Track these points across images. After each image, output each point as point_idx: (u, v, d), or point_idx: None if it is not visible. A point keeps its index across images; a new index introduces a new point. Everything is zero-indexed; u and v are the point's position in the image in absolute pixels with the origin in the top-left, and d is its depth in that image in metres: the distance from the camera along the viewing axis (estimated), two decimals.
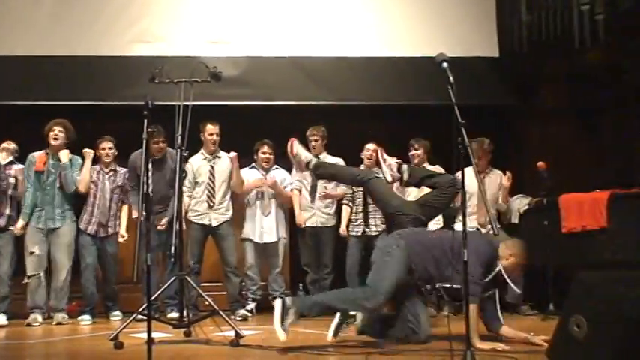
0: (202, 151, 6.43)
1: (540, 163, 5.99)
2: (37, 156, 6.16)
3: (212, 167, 6.38)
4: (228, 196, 6.41)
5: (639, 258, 5.23)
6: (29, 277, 6.02)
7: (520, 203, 6.47)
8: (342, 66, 7.38)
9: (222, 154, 6.45)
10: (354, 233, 6.62)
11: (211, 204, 6.31)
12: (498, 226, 5.84)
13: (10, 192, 6.15)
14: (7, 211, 6.14)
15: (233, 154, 6.33)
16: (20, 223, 6.06)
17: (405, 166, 4.82)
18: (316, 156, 6.64)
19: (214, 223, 6.29)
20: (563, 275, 5.75)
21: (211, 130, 6.37)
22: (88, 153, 6.20)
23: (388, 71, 7.35)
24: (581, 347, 3.24)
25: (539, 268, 5.89)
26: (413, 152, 6.50)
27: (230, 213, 6.40)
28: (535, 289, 5.96)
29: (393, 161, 4.84)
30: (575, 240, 5.82)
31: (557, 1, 7.17)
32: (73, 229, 6.19)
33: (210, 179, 6.35)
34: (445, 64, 3.65)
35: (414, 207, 4.60)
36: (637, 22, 6.68)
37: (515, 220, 6.47)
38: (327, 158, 6.65)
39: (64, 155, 6.09)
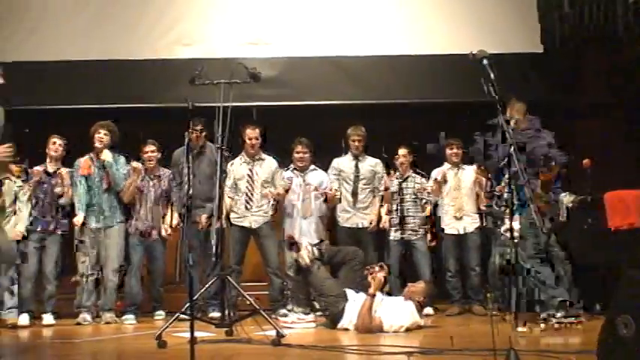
0: (242, 154, 6.45)
1: (586, 161, 5.88)
2: (82, 161, 6.27)
3: (250, 170, 6.40)
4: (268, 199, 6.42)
5: None
6: (80, 277, 6.13)
7: (567, 200, 6.36)
8: (380, 65, 7.35)
9: (264, 156, 6.46)
10: (392, 237, 6.59)
11: (249, 206, 6.33)
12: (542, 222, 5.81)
13: (61, 200, 6.26)
14: (52, 215, 6.25)
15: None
16: (80, 216, 6.13)
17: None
18: (357, 157, 6.60)
19: (254, 225, 6.31)
20: (610, 274, 5.63)
21: (250, 134, 6.39)
22: (137, 167, 6.23)
23: (427, 69, 7.29)
24: (629, 347, 3.18)
25: (586, 266, 5.76)
26: (455, 151, 6.45)
27: (270, 214, 6.41)
28: (581, 288, 5.82)
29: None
30: (622, 238, 5.72)
31: None
32: (122, 230, 6.28)
33: (248, 182, 6.37)
34: (486, 61, 3.62)
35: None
36: None
37: (564, 217, 6.35)
38: (367, 159, 6.62)
39: (107, 155, 6.16)
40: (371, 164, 6.61)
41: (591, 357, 3.41)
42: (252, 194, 6.34)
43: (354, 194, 6.54)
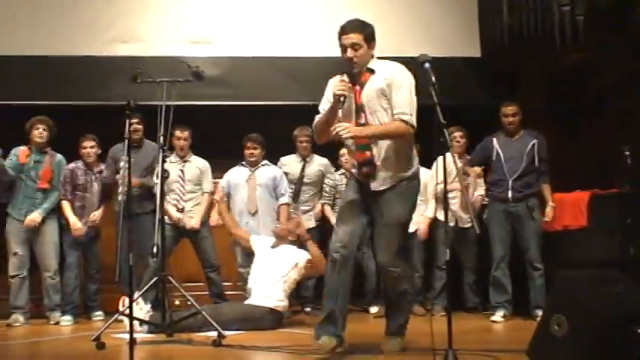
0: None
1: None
2: (20, 150, 6.14)
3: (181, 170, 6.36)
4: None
5: (615, 257, 5.31)
6: (12, 277, 5.97)
7: None
8: (323, 66, 7.34)
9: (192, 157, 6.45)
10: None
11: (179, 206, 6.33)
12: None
13: None
14: None
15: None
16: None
17: None
18: (304, 158, 6.60)
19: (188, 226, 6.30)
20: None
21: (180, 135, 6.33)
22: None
23: None
24: (562, 346, 3.27)
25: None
26: None
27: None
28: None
29: None
30: (557, 239, 5.90)
31: (538, 2, 7.22)
32: (56, 226, 6.16)
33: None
34: (427, 65, 3.67)
35: None
36: (614, 22, 6.74)
37: None
38: (314, 159, 6.64)
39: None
40: (320, 164, 6.65)
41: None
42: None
43: (296, 195, 6.55)
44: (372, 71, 4.03)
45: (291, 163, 6.64)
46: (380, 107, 3.91)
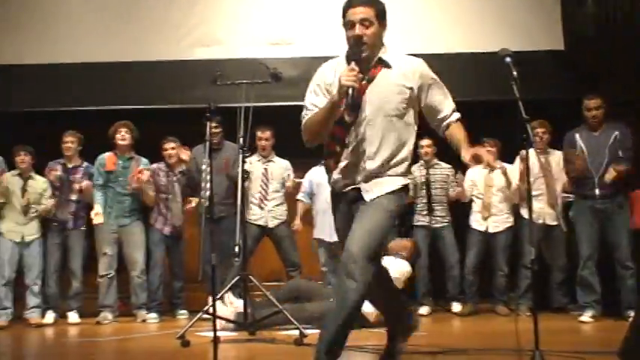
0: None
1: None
2: (107, 157, 6.35)
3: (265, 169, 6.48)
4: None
5: None
6: (101, 276, 6.19)
7: None
8: None
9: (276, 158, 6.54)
10: (419, 224, 6.57)
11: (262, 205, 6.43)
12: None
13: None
14: (71, 212, 6.30)
15: None
16: (96, 210, 6.20)
17: None
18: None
19: (270, 224, 6.36)
20: None
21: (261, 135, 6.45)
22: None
23: (450, 67, 7.22)
24: None
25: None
26: (488, 149, 6.38)
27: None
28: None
29: None
30: None
31: None
32: (142, 227, 6.35)
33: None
34: (508, 59, 3.59)
35: None
36: None
37: None
38: None
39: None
40: None
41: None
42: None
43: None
44: (384, 64, 3.35)
45: None
46: (394, 109, 3.23)
